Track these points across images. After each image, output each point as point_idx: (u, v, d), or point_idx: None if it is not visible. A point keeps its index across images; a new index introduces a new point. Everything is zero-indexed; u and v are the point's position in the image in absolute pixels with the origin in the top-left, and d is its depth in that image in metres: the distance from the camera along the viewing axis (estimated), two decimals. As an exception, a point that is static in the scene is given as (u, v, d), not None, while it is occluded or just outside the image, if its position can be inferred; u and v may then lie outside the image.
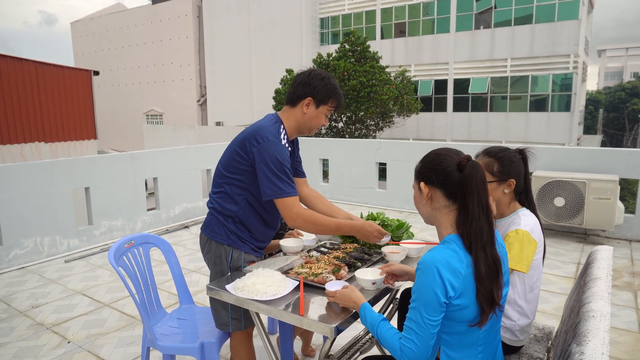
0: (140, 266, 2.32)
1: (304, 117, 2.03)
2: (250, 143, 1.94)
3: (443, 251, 1.37)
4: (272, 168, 1.88)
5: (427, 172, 1.49)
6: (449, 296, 1.33)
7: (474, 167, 1.41)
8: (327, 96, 2.01)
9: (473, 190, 1.39)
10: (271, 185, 1.89)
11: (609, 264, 1.85)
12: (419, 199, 1.54)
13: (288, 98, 2.05)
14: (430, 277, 1.33)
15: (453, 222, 1.45)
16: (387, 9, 22.29)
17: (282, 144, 1.94)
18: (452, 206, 1.45)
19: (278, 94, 16.97)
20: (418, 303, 1.35)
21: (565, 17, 18.63)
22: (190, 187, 6.10)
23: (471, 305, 1.36)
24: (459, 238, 1.41)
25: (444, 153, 1.48)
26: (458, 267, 1.34)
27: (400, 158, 6.73)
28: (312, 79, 1.99)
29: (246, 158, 1.96)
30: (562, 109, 19.58)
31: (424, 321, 1.33)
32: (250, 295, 1.71)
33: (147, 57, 30.49)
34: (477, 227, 1.38)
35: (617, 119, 42.67)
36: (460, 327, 1.40)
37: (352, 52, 17.14)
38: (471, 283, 1.36)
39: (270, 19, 24.26)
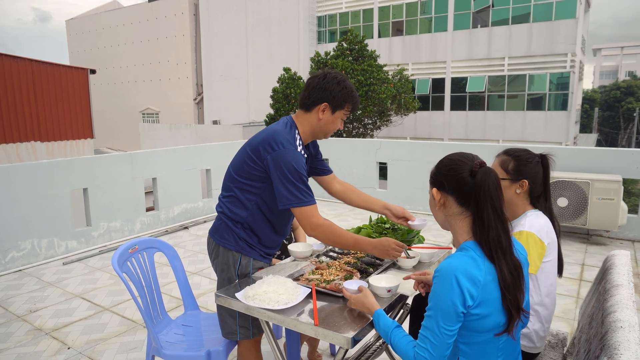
0: (144, 272, 2.26)
1: (319, 123, 1.97)
2: (265, 149, 1.87)
3: (462, 259, 1.33)
4: (288, 176, 1.82)
5: (440, 178, 1.46)
6: (467, 305, 1.30)
7: (487, 173, 1.36)
8: (344, 100, 1.95)
9: (486, 197, 1.35)
10: (288, 194, 1.83)
11: (629, 270, 1.81)
12: (433, 204, 1.51)
13: (302, 102, 1.98)
14: (448, 285, 1.29)
15: (469, 229, 1.42)
16: (385, 7, 22.23)
17: (297, 151, 1.88)
18: (466, 212, 1.42)
19: (276, 93, 16.87)
20: (435, 312, 1.31)
21: (563, 16, 18.64)
22: (190, 188, 6.02)
23: (492, 315, 1.33)
24: (476, 245, 1.38)
25: (457, 159, 1.44)
26: (477, 275, 1.31)
27: (401, 158, 6.69)
28: (327, 83, 1.92)
29: (259, 164, 1.89)
30: (558, 108, 19.60)
31: (440, 330, 1.30)
32: (262, 304, 1.65)
33: (143, 55, 30.30)
34: (495, 235, 1.34)
35: (612, 118, 42.85)
36: (479, 337, 1.36)
37: (350, 51, 17.07)
38: (492, 291, 1.32)
39: (267, 18, 24.16)
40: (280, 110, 16.80)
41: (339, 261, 2.07)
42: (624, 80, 46.47)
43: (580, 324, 1.96)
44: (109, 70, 32.03)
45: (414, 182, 6.60)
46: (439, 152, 6.40)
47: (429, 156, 6.48)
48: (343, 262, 2.06)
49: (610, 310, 1.47)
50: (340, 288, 1.77)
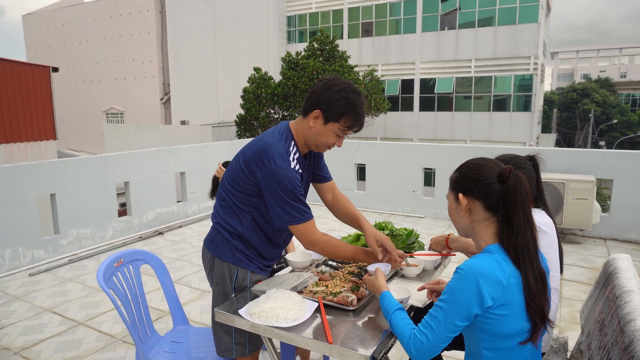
0: (130, 286, 2.10)
1: (310, 132, 1.78)
2: (256, 164, 1.74)
3: (486, 260, 1.31)
4: (282, 195, 1.70)
5: (466, 183, 1.41)
6: (486, 306, 1.27)
7: (518, 179, 1.34)
8: (339, 113, 1.72)
9: (517, 203, 1.32)
10: (283, 213, 1.73)
11: (635, 274, 1.81)
12: (456, 210, 1.46)
13: (302, 107, 1.85)
14: (467, 285, 1.28)
15: (494, 235, 1.39)
16: (354, 9, 22.32)
17: (290, 169, 1.71)
18: (492, 218, 1.39)
19: (246, 93, 16.61)
20: (447, 304, 1.30)
21: (526, 20, 19.24)
22: (164, 191, 5.79)
23: (515, 318, 1.30)
24: (502, 249, 1.35)
25: (484, 163, 1.42)
26: (500, 277, 1.28)
27: (379, 159, 6.67)
28: (326, 89, 1.73)
29: (251, 178, 1.77)
30: (522, 109, 20.23)
31: (445, 322, 1.30)
32: (270, 322, 1.54)
33: (106, 53, 29.23)
34: (524, 241, 1.32)
35: (570, 119, 44.64)
36: (502, 343, 1.33)
37: (321, 51, 17.04)
38: (514, 295, 1.30)
39: (236, 16, 23.79)
40: (251, 111, 16.56)
41: (341, 271, 1.99)
42: (580, 82, 48.55)
43: (585, 329, 1.95)
44: (69, 68, 30.73)
45: (393, 184, 6.60)
46: (417, 154, 6.47)
47: (407, 157, 6.50)
48: (346, 272, 1.97)
49: (629, 318, 1.45)
50: (349, 301, 1.69)
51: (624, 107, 45.02)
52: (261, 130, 16.94)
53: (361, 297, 1.75)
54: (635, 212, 5.17)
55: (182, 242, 5.30)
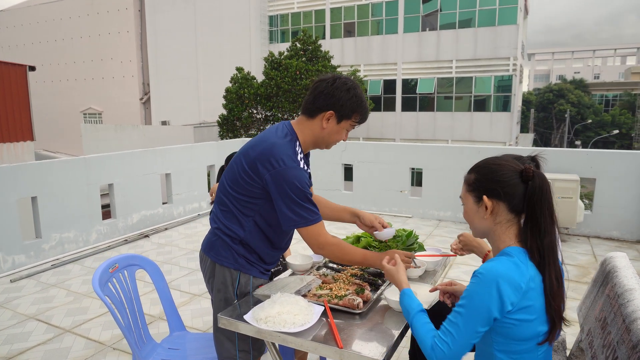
0: (126, 292, 2.04)
1: (323, 132, 1.79)
2: (264, 166, 1.70)
3: (505, 263, 1.28)
4: (292, 196, 1.67)
5: (490, 185, 1.36)
6: (505, 311, 1.25)
7: (542, 178, 1.32)
8: (352, 110, 1.78)
9: (544, 203, 1.30)
10: (293, 215, 1.69)
11: (634, 272, 1.84)
12: (477, 213, 1.41)
13: (306, 108, 1.81)
14: (487, 289, 1.25)
15: (514, 236, 1.36)
16: (336, 9, 22.35)
17: (300, 168, 1.71)
18: (514, 219, 1.37)
19: (229, 93, 16.46)
20: (467, 310, 1.27)
21: (505, 21, 19.58)
22: (149, 193, 5.68)
23: (534, 322, 1.29)
24: (522, 252, 1.32)
25: (505, 163, 1.37)
26: (519, 281, 1.26)
27: (367, 159, 6.68)
28: (336, 89, 1.74)
29: (257, 181, 1.72)
30: (501, 109, 20.58)
31: (466, 328, 1.27)
32: (277, 327, 1.51)
33: (84, 52, 28.57)
34: (550, 241, 1.30)
35: (546, 119, 45.61)
36: (518, 346, 1.31)
37: (304, 51, 17.00)
38: (534, 299, 1.28)
39: (217, 16, 23.56)
40: (233, 111, 16.42)
41: (344, 274, 1.96)
42: (556, 83, 49.64)
43: (585, 328, 1.97)
44: (45, 67, 29.95)
45: (380, 184, 6.61)
46: (404, 154, 6.49)
47: (394, 157, 6.52)
48: (349, 274, 1.95)
49: (634, 317, 1.47)
50: (355, 304, 1.66)
51: (598, 107, 46.25)
52: (244, 131, 16.80)
53: (367, 300, 1.73)
54: (616, 211, 5.29)
55: (169, 244, 5.20)
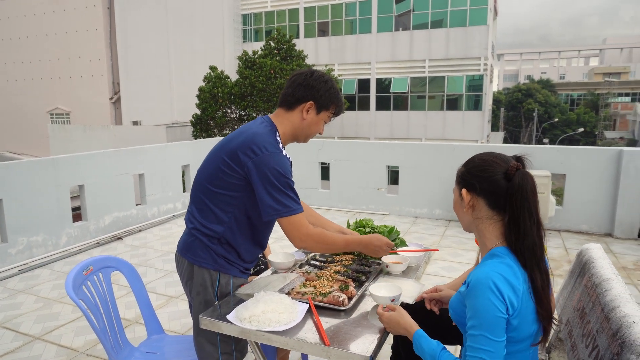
0: (101, 295, 1.96)
1: (303, 123, 1.81)
2: (245, 154, 1.67)
3: (497, 266, 1.26)
4: (274, 183, 1.64)
5: (470, 179, 1.37)
6: (509, 314, 1.23)
7: (524, 177, 1.30)
8: (330, 101, 1.82)
9: (524, 203, 1.28)
10: (274, 203, 1.65)
11: (609, 263, 1.88)
12: (460, 205, 1.43)
13: (284, 100, 1.82)
14: (488, 294, 1.21)
15: (499, 234, 1.36)
16: (310, 8, 22.34)
17: (283, 155, 1.71)
18: (497, 217, 1.35)
19: (202, 92, 16.22)
20: (481, 330, 1.21)
21: (476, 22, 19.98)
22: (122, 194, 5.52)
23: (527, 323, 1.27)
24: (509, 251, 1.31)
25: (491, 159, 1.36)
26: (515, 283, 1.24)
27: (343, 157, 6.69)
28: (315, 80, 1.79)
29: (239, 171, 1.68)
30: (473, 108, 21.01)
31: (493, 347, 1.20)
32: (262, 327, 1.47)
33: (50, 50, 27.59)
34: (531, 243, 1.28)
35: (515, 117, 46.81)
36: (512, 347, 1.29)
37: (278, 50, 16.91)
38: (528, 300, 1.26)
39: (189, 14, 23.18)
40: (207, 110, 16.19)
41: (328, 271, 1.94)
42: (524, 83, 51.00)
43: (563, 318, 2.01)
44: (9, 66, 28.82)
45: (357, 182, 6.63)
46: (380, 151, 6.52)
47: (371, 155, 6.55)
48: (332, 271, 1.93)
49: (613, 305, 1.50)
50: (340, 301, 1.65)
51: (564, 106, 47.78)
52: (218, 131, 16.58)
53: (351, 296, 1.71)
54: (586, 205, 5.46)
55: (143, 246, 5.07)
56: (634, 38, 62.68)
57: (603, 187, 5.36)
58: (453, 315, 1.43)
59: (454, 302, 1.43)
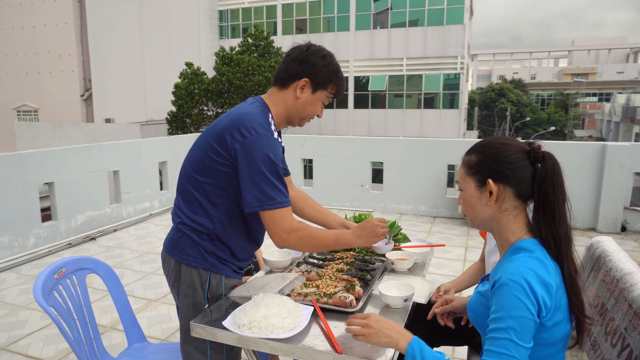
0: (75, 301, 1.75)
1: (297, 103, 1.60)
2: (233, 137, 1.47)
3: (528, 262, 1.12)
4: (261, 169, 1.44)
5: (497, 166, 1.21)
6: (541, 316, 1.09)
7: (554, 159, 1.18)
8: (328, 79, 1.60)
9: (557, 187, 1.16)
10: (258, 192, 1.45)
11: (626, 256, 1.79)
12: (479, 199, 1.25)
13: (278, 77, 1.62)
14: (520, 294, 1.07)
15: (523, 226, 1.22)
16: (288, 5, 22.12)
17: (274, 138, 1.51)
18: (521, 206, 1.22)
19: (178, 89, 15.81)
20: (508, 333, 1.06)
21: (453, 21, 20.17)
22: (95, 192, 5.22)
23: (561, 323, 1.14)
24: (539, 244, 1.18)
25: (510, 142, 1.23)
26: (548, 280, 1.10)
27: (327, 154, 6.54)
28: (311, 55, 1.58)
29: (226, 156, 1.49)
30: (449, 107, 21.21)
31: (519, 352, 1.05)
32: (265, 333, 1.30)
33: (16, 45, 26.44)
34: (566, 230, 1.16)
35: (489, 116, 47.72)
36: (545, 351, 1.16)
37: (256, 47, 16.65)
38: (562, 297, 1.14)
39: (164, 9, 22.60)
40: (183, 107, 15.79)
41: (329, 269, 1.78)
42: (497, 83, 52.05)
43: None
44: (-29, 61, 27.54)
45: (340, 178, 6.49)
46: (365, 147, 6.40)
47: (354, 151, 6.42)
48: (334, 270, 1.77)
49: (642, 301, 1.40)
50: (347, 302, 1.49)
51: (535, 106, 48.95)
52: (194, 129, 16.20)
53: (358, 296, 1.56)
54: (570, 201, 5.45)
55: (119, 247, 4.80)
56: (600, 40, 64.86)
57: (586, 182, 5.37)
58: (474, 318, 1.29)
59: (473, 304, 1.29)
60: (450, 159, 5.96)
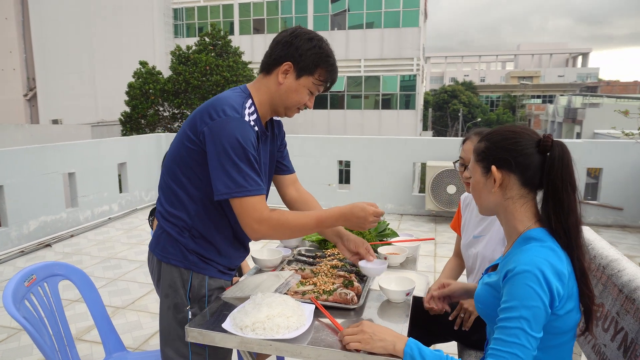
0: (47, 310, 1.60)
1: (279, 89, 1.47)
2: (202, 120, 1.38)
3: (542, 251, 1.11)
4: (229, 154, 1.33)
5: (501, 153, 1.21)
6: (554, 306, 1.09)
7: (563, 148, 1.17)
8: (314, 64, 1.46)
9: (566, 176, 1.15)
10: (226, 178, 1.34)
11: (608, 243, 1.85)
12: (485, 186, 1.25)
13: (263, 63, 1.51)
14: (534, 284, 1.06)
15: (532, 215, 1.22)
16: (245, 4, 21.85)
17: (244, 121, 1.38)
18: (528, 195, 1.22)
19: (132, 89, 15.21)
20: (521, 322, 1.05)
21: (408, 24, 20.65)
22: (49, 196, 4.89)
23: (572, 312, 1.15)
24: (548, 233, 1.17)
25: (520, 130, 1.22)
26: (561, 269, 1.10)
27: (292, 153, 6.43)
28: (295, 37, 1.46)
29: (197, 142, 1.39)
30: (406, 107, 21.70)
31: (529, 342, 1.05)
32: (270, 334, 1.23)
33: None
34: (575, 220, 1.16)
35: (442, 117, 49.27)
36: (556, 340, 1.16)
37: (213, 46, 16.30)
38: (573, 285, 1.14)
39: (114, 5, 21.69)
40: (137, 108, 15.22)
41: (323, 266, 1.73)
42: (449, 85, 53.82)
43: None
44: None
45: (306, 177, 6.44)
46: (331, 146, 6.38)
47: (321, 150, 6.40)
48: (328, 266, 1.72)
49: (634, 286, 1.43)
50: (348, 299, 1.44)
51: (485, 107, 51.01)
52: (149, 130, 15.64)
53: (358, 292, 1.52)
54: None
55: (77, 253, 4.52)
56: (543, 45, 68.57)
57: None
58: (483, 309, 1.27)
59: (482, 296, 1.27)
60: (416, 157, 6.06)
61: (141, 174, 6.37)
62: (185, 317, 1.48)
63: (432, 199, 5.60)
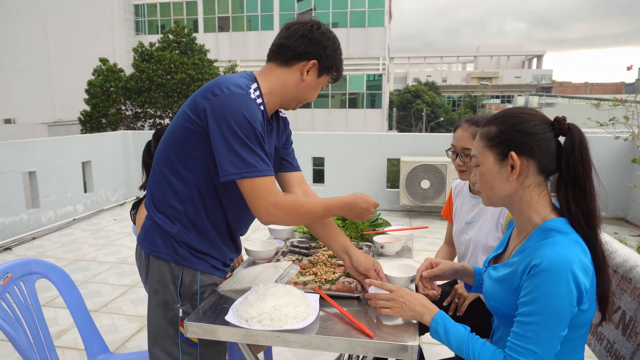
0: (25, 311, 1.48)
1: (300, 86, 1.42)
2: (204, 97, 1.30)
3: (570, 246, 1.05)
4: (236, 132, 1.24)
5: (520, 137, 1.11)
6: (582, 302, 1.04)
7: (580, 132, 1.11)
8: (334, 64, 1.45)
9: (586, 161, 1.10)
10: (234, 157, 1.25)
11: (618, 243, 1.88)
12: (499, 174, 1.15)
13: (278, 53, 1.41)
14: (565, 282, 1.01)
15: (547, 204, 1.15)
16: (210, 1, 21.47)
17: (250, 97, 1.31)
18: (544, 183, 1.15)
19: (92, 87, 14.62)
20: (542, 317, 1.01)
21: (374, 24, 20.88)
22: (8, 197, 4.60)
23: (593, 303, 1.10)
24: (567, 223, 1.11)
25: (532, 112, 1.15)
26: (587, 263, 1.05)
27: (266, 150, 6.38)
28: (322, 35, 1.40)
29: (196, 121, 1.30)
30: (372, 106, 21.95)
31: (549, 340, 1.02)
32: (279, 325, 1.17)
33: None
34: (595, 207, 1.10)
35: (406, 117, 50.15)
36: (574, 333, 1.12)
37: (177, 44, 15.91)
38: (594, 278, 1.09)
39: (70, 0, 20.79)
40: (98, 106, 14.65)
41: (320, 256, 1.69)
42: (413, 85, 54.86)
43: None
44: None
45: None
46: (306, 142, 6.33)
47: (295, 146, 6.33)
48: (326, 256, 1.68)
49: (628, 265, 1.47)
50: (352, 287, 1.40)
51: (447, 107, 52.30)
52: (111, 129, 15.07)
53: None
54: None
55: (40, 256, 4.27)
56: (501, 47, 71.07)
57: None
58: (496, 307, 1.20)
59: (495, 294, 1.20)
60: (390, 153, 6.10)
61: (107, 173, 6.11)
62: (175, 315, 1.38)
63: (407, 194, 5.64)
